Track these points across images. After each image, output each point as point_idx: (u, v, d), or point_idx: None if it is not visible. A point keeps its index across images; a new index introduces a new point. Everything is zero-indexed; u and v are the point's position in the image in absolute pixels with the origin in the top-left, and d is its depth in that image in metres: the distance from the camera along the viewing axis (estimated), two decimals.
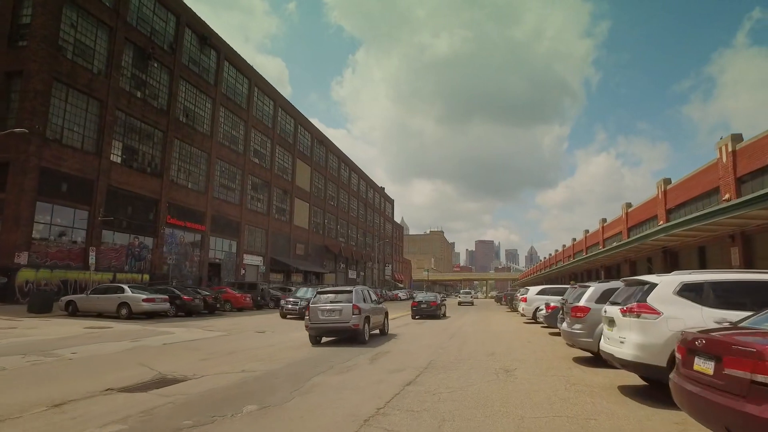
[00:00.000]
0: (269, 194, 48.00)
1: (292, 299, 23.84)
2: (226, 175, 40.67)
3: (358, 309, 12.47)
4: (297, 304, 22.87)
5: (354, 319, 12.32)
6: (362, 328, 12.59)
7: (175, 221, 33.24)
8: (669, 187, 23.35)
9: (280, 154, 50.98)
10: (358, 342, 12.66)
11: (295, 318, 22.16)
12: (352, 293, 12.95)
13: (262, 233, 46.60)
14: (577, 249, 49.38)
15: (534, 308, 19.38)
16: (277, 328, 17.71)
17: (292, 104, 54.45)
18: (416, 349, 11.68)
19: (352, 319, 12.31)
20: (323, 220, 62.78)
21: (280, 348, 11.93)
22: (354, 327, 12.33)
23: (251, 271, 44.44)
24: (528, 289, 20.88)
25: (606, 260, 29.93)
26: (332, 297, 12.97)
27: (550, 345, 12.41)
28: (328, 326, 12.44)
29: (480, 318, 25.65)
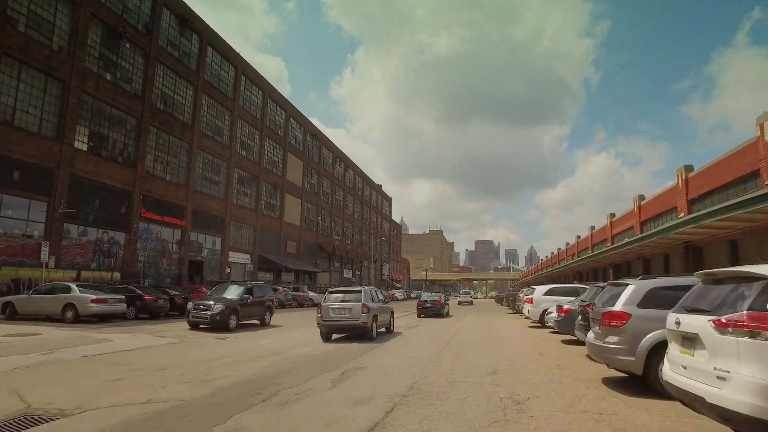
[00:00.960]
0: (257, 189, 45.58)
1: (205, 303, 16.25)
2: (210, 167, 38.26)
3: (367, 308, 13.19)
4: (210, 308, 15.79)
5: (363, 317, 13.06)
6: (370, 325, 13.33)
7: (151, 215, 30.82)
8: (691, 175, 20.97)
9: (269, 147, 48.57)
10: (367, 339, 13.37)
11: (208, 329, 15.91)
12: (362, 293, 13.68)
13: (249, 230, 44.20)
14: (582, 246, 47.00)
15: (541, 310, 17.00)
16: (240, 334, 15.33)
17: (282, 95, 52.05)
18: (398, 364, 9.29)
19: (361, 317, 13.05)
20: (316, 217, 60.38)
21: (230, 361, 9.55)
22: (363, 324, 13.07)
23: (238, 270, 42.04)
24: (534, 288, 18.52)
25: (616, 257, 27.58)
26: (342, 296, 13.68)
27: (567, 358, 10.01)
28: (339, 324, 13.21)
29: (480, 321, 23.31)
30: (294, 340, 13.89)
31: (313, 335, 14.79)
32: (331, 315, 13.19)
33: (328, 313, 13.25)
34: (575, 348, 11.49)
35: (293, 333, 16.16)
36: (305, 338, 14.23)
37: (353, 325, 13.08)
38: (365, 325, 13.09)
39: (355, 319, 13.03)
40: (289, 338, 14.38)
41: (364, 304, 13.22)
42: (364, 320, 13.05)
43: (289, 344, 12.67)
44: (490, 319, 24.07)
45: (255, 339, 13.90)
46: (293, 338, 14.37)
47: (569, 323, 11.76)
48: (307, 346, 12.39)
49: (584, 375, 7.94)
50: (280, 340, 13.65)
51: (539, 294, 17.55)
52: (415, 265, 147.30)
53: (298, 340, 13.89)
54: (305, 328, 17.52)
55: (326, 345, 12.59)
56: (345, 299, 13.52)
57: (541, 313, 17.05)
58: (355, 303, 13.24)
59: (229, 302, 16.40)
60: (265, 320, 18.72)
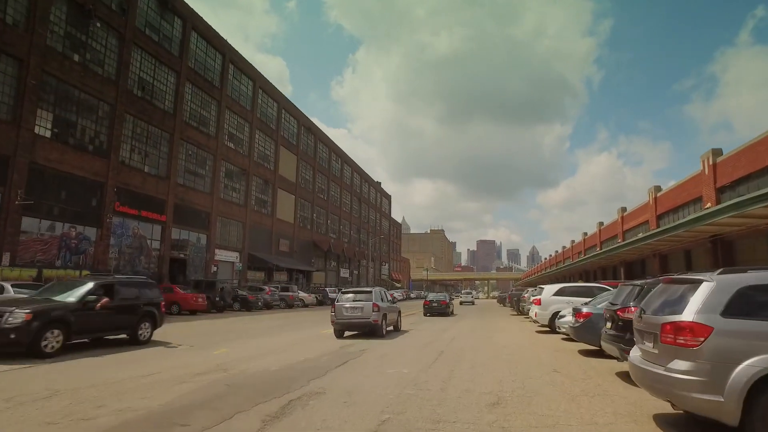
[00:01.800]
0: (247, 183, 43.35)
1: None
2: (194, 159, 36.04)
3: (377, 307, 14.10)
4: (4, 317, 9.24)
5: (374, 315, 13.94)
6: (380, 323, 14.20)
7: (127, 209, 28.61)
8: (720, 160, 18.64)
9: (260, 139, 46.34)
10: (377, 336, 14.14)
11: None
12: (372, 293, 14.61)
13: (238, 226, 41.97)
14: (589, 244, 44.69)
15: (551, 313, 14.73)
16: (200, 341, 13.09)
17: (274, 86, 49.82)
18: (371, 386, 7.03)
19: (372, 315, 13.92)
20: (311, 214, 58.14)
21: (152, 381, 7.31)
22: (374, 322, 13.95)
23: (225, 269, 39.82)
24: (542, 288, 16.21)
25: (630, 254, 25.29)
26: (354, 296, 14.53)
27: (593, 379, 7.72)
28: (351, 322, 14.08)
29: (481, 324, 21.03)
30: (256, 349, 11.64)
31: (278, 343, 12.58)
32: (344, 313, 14.12)
33: (341, 312, 14.14)
34: (599, 362, 9.21)
35: (259, 341, 13.90)
36: (269, 347, 11.99)
37: (365, 323, 14.00)
38: (376, 322, 14.02)
39: (366, 318, 13.94)
40: (246, 348, 12.12)
41: (375, 303, 14.12)
42: (375, 318, 13.98)
43: (245, 355, 10.43)
44: (492, 322, 21.78)
45: (203, 349, 11.64)
46: (256, 347, 12.11)
47: (590, 331, 9.49)
48: (265, 357, 10.15)
49: (625, 408, 5.65)
50: (201, 361, 11.39)
51: (548, 294, 15.26)
52: (415, 265, 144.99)
53: (263, 348, 11.65)
54: (277, 335, 15.28)
55: (291, 356, 10.36)
56: (357, 299, 14.39)
57: (550, 316, 14.77)
58: (366, 302, 14.13)
59: (49, 307, 9.94)
60: (141, 335, 12.16)
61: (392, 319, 15.98)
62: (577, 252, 49.80)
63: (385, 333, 14.74)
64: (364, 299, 14.33)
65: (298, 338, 14.22)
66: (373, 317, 13.94)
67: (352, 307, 14.13)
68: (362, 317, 13.94)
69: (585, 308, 10.12)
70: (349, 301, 14.40)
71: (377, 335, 14.16)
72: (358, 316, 13.99)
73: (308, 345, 12.46)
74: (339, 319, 14.14)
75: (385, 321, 14.74)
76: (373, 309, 13.99)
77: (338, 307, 14.23)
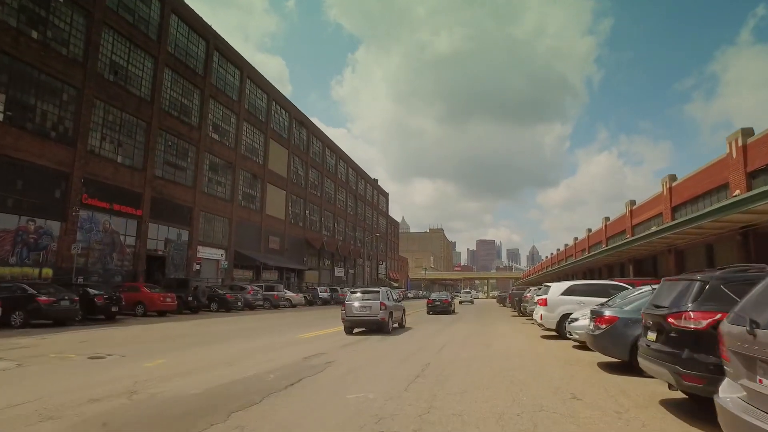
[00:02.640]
0: (234, 177, 41.18)
1: None
2: (174, 151, 33.86)
3: (384, 306, 14.93)
4: None
5: (381, 313, 14.77)
6: (387, 321, 15.04)
7: (96, 202, 26.43)
8: (751, 141, 16.44)
9: (248, 132, 44.16)
10: (384, 332, 14.95)
11: None
12: (379, 293, 15.46)
13: (223, 222, 39.80)
14: (594, 240, 42.54)
15: (559, 315, 12.56)
16: (140, 349, 10.90)
17: (264, 77, 47.65)
18: (312, 427, 4.85)
19: (380, 313, 14.76)
20: (304, 211, 55.97)
21: (7, 418, 5.13)
22: (381, 320, 14.81)
23: (209, 267, 37.66)
24: (548, 286, 14.00)
25: (643, 250, 23.09)
26: (363, 296, 15.38)
27: (630, 411, 5.53)
28: (361, 319, 14.92)
29: (478, 327, 18.88)
30: (200, 359, 9.46)
31: (235, 351, 10.42)
32: (353, 311, 14.93)
33: (351, 310, 14.97)
34: (630, 383, 7.03)
35: (213, 349, 11.73)
36: (220, 357, 9.81)
37: (373, 320, 14.85)
38: (383, 320, 14.84)
39: (374, 315, 14.75)
40: (189, 359, 9.95)
41: (382, 302, 14.95)
42: (382, 316, 14.79)
43: (180, 370, 8.24)
44: (491, 325, 19.59)
45: (140, 359, 9.45)
46: (202, 358, 9.93)
47: (616, 340, 7.34)
48: (201, 373, 7.97)
49: None
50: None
51: (555, 293, 13.07)
52: (414, 264, 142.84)
53: (210, 358, 9.47)
54: (242, 341, 13.09)
55: (235, 372, 8.18)
56: (365, 298, 15.24)
57: (558, 319, 12.61)
58: (374, 301, 14.99)
59: None
60: None
61: (397, 317, 16.94)
62: (580, 249, 47.62)
63: (391, 330, 15.69)
64: (372, 298, 15.20)
65: (263, 345, 12.06)
66: (380, 315, 14.84)
67: (361, 306, 15.04)
68: (370, 315, 14.85)
69: (608, 311, 7.92)
70: (358, 300, 15.23)
71: (384, 332, 15.11)
72: (366, 313, 14.88)
73: (269, 354, 10.31)
74: (349, 317, 15.00)
75: (391, 318, 15.68)
76: (381, 307, 14.87)
77: (348, 306, 15.10)
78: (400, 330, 16.64)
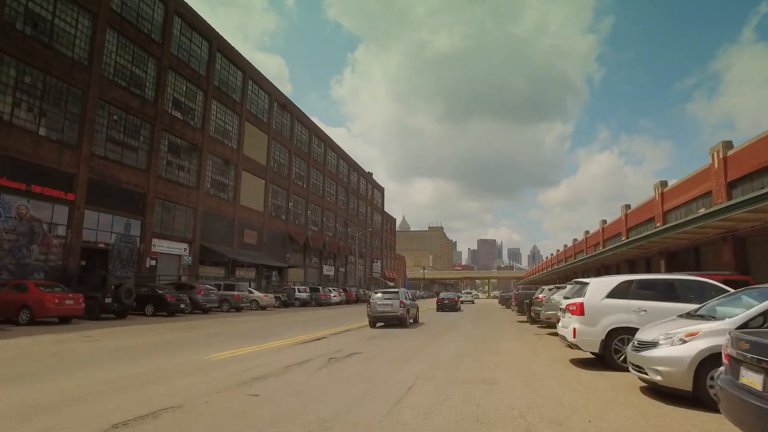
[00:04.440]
0: (200, 162, 36.28)
1: None
2: (121, 126, 28.95)
3: (403, 304, 17.64)
4: None
5: (401, 310, 17.40)
6: (405, 316, 17.67)
7: (6, 182, 21.54)
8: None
9: (219, 112, 39.24)
10: (403, 326, 17.43)
11: None
12: (399, 293, 18.42)
13: (186, 212, 34.90)
14: (609, 233, 37.61)
15: (605, 331, 7.56)
16: None
17: (239, 52, 42.71)
18: None
19: (399, 310, 17.39)
20: (286, 203, 51.04)
21: None
22: (401, 315, 17.42)
23: (169, 263, 32.78)
24: (583, 283, 8.96)
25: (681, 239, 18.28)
26: (385, 295, 18.09)
27: None
28: (383, 315, 17.52)
29: (475, 345, 13.99)
30: None
31: (60, 390, 5.54)
32: (377, 309, 17.52)
33: (375, 307, 17.58)
34: None
35: (38, 386, 6.77)
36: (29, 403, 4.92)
37: (394, 316, 17.39)
38: (402, 315, 17.44)
39: (395, 312, 17.35)
40: None
41: (401, 301, 17.63)
42: (402, 312, 17.37)
43: None
44: (492, 339, 14.62)
45: None
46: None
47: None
48: None
49: None
50: None
51: (597, 295, 8.03)
52: (413, 263, 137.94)
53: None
54: (112, 367, 8.19)
55: None
56: (387, 297, 17.91)
57: (604, 338, 7.66)
58: (394, 300, 17.65)
59: None
60: None
61: (413, 314, 19.14)
62: (593, 244, 42.66)
63: (409, 324, 17.90)
64: (393, 297, 17.69)
65: (130, 375, 7.19)
66: (400, 312, 17.17)
67: (383, 304, 17.37)
68: (391, 311, 17.20)
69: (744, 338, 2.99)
70: (381, 299, 17.67)
71: (403, 326, 17.36)
72: (388, 310, 17.24)
73: (109, 398, 5.42)
74: (373, 313, 17.42)
75: (409, 314, 17.99)
76: (400, 305, 17.24)
77: (372, 304, 17.53)
78: (415, 324, 18.97)
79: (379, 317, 17.38)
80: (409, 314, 18.00)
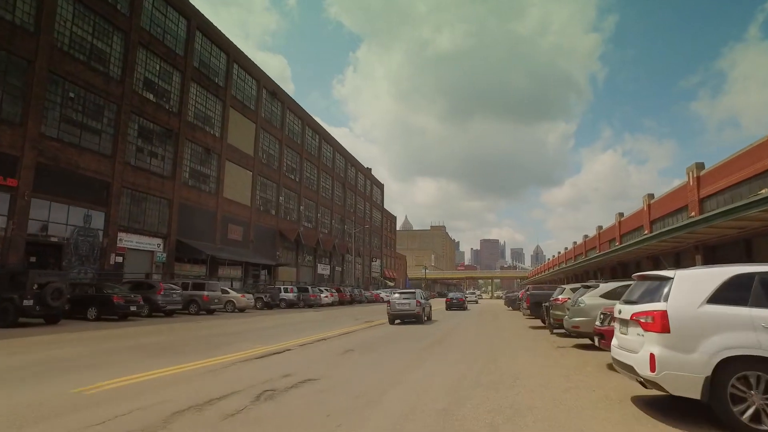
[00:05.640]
0: (176, 149, 33.05)
1: None
2: (79, 106, 25.73)
3: (419, 303, 19.66)
4: None
5: (417, 308, 19.42)
6: (422, 314, 19.73)
7: None
8: None
9: (198, 96, 36.02)
10: (420, 322, 19.45)
11: None
12: (415, 293, 20.40)
13: (161, 204, 31.67)
14: (627, 227, 34.19)
15: (713, 358, 4.29)
16: None
17: (222, 33, 39.46)
18: None
19: (416, 308, 19.38)
20: (276, 197, 47.79)
21: None
22: (417, 313, 19.43)
23: (139, 259, 29.56)
24: (663, 279, 5.66)
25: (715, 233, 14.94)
26: (403, 296, 20.24)
27: None
28: (402, 312, 19.53)
29: (482, 363, 10.71)
30: None
31: None
32: (396, 307, 19.49)
33: (394, 306, 19.56)
34: None
35: None
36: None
37: (411, 314, 19.41)
38: (419, 313, 19.44)
39: (412, 310, 19.34)
40: None
41: (418, 300, 19.66)
42: (418, 310, 19.40)
43: None
44: (502, 353, 11.29)
45: None
46: None
47: None
48: None
49: None
50: None
51: (695, 297, 4.60)
52: (415, 263, 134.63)
53: None
54: None
55: None
56: (404, 297, 19.99)
57: (709, 374, 4.33)
58: (412, 300, 19.67)
59: None
60: None
61: (427, 312, 21.39)
62: (606, 240, 39.21)
63: (425, 321, 20.27)
64: (410, 297, 19.96)
65: None
66: (416, 310, 19.42)
67: (401, 303, 19.64)
68: (409, 309, 19.44)
69: None
70: (399, 299, 19.98)
71: (420, 322, 19.56)
72: (406, 309, 19.47)
73: None
74: (393, 311, 19.59)
75: (424, 312, 20.38)
76: (417, 304, 19.52)
77: (392, 303, 19.82)
78: (429, 321, 20.72)
79: (398, 314, 19.58)
80: (424, 312, 20.31)
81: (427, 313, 21.15)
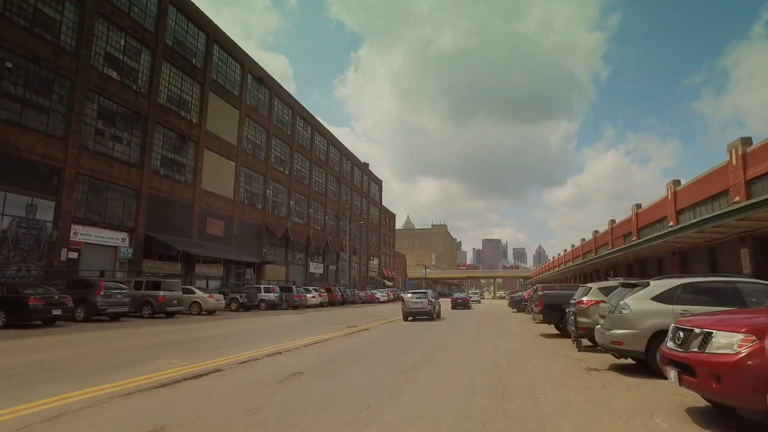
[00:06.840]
0: (144, 134, 29.80)
1: None
2: (22, 80, 22.52)
3: (431, 302, 21.86)
4: None
5: (429, 306, 21.53)
6: (433, 312, 21.97)
7: None
8: None
9: (172, 77, 32.77)
10: (432, 319, 21.62)
11: None
12: (427, 293, 22.58)
13: (126, 194, 28.44)
14: (645, 220, 30.82)
15: None
16: None
17: (205, 14, 36.25)
18: None
19: (428, 306, 21.50)
20: (263, 190, 44.52)
21: None
22: (429, 311, 21.54)
23: (99, 256, 26.36)
24: None
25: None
26: (416, 295, 22.22)
27: None
28: (416, 310, 21.56)
29: (486, 404, 7.41)
30: None
31: None
32: (410, 306, 21.54)
33: (408, 305, 21.60)
34: None
35: None
36: None
37: (424, 311, 21.50)
38: (430, 311, 21.62)
39: (425, 308, 21.44)
40: None
41: (429, 299, 21.80)
42: (430, 308, 21.56)
43: None
44: (515, 386, 8.05)
45: None
46: None
47: None
48: None
49: None
50: None
51: None
52: (416, 262, 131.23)
53: None
54: None
55: None
56: (417, 297, 21.94)
57: None
58: (424, 299, 21.71)
59: None
60: None
61: (437, 310, 23.43)
62: (621, 234, 35.81)
63: (436, 318, 22.41)
64: (422, 297, 21.86)
65: None
66: (428, 308, 21.48)
67: (415, 302, 21.58)
68: (422, 308, 21.44)
69: None
70: (413, 298, 21.84)
71: (432, 319, 21.60)
72: (419, 307, 21.44)
73: None
74: (407, 309, 21.53)
75: (435, 310, 22.44)
76: (428, 303, 21.56)
77: (406, 302, 21.74)
78: (438, 318, 22.88)
79: (412, 312, 21.49)
80: (434, 310, 22.43)
81: (437, 311, 23.38)
